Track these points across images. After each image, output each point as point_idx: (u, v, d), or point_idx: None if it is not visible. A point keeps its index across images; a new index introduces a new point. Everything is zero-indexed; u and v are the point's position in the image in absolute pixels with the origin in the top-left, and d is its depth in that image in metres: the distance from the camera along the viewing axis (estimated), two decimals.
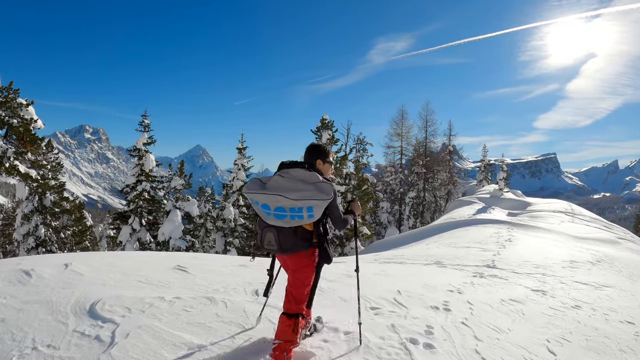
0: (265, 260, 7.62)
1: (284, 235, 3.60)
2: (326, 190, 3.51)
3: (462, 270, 9.83)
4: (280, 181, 3.57)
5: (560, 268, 10.50)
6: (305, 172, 3.65)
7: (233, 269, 7.44)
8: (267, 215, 3.56)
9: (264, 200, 3.51)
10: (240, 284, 6.16)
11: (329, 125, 23.96)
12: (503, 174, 34.86)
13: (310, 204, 3.44)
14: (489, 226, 18.70)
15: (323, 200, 3.47)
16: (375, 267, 9.57)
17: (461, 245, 14.55)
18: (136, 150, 24.56)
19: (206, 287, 5.87)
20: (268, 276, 4.16)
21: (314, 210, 3.48)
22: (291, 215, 3.49)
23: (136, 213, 24.05)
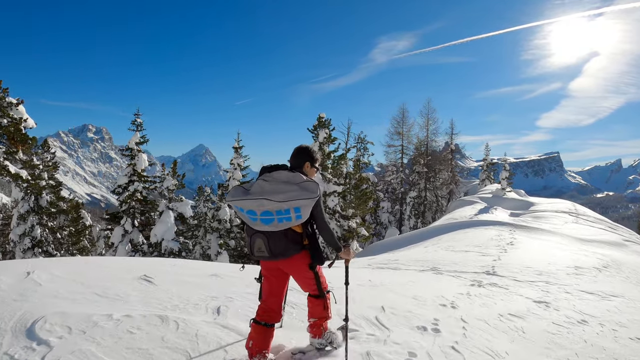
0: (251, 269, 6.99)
1: (274, 240, 3.48)
2: (311, 188, 3.42)
3: (459, 278, 9.21)
4: (263, 185, 3.45)
5: (565, 275, 9.85)
6: (288, 173, 3.55)
7: (204, 279, 6.78)
8: (254, 221, 3.43)
9: (249, 206, 3.38)
10: (203, 298, 5.53)
11: (325, 124, 23.31)
12: (506, 173, 34.29)
13: (297, 204, 3.35)
14: (490, 228, 18.04)
15: (309, 198, 3.38)
16: (366, 274, 8.91)
17: (460, 249, 13.91)
18: (128, 150, 23.94)
19: (165, 303, 5.24)
20: (259, 283, 3.93)
21: (302, 210, 3.39)
22: (279, 219, 3.38)
23: (128, 214, 23.46)
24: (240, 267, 4.72)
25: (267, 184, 3.45)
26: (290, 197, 3.33)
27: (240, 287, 6.32)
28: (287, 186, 3.41)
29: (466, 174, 59.61)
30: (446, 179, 44.63)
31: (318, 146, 23.01)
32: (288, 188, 3.39)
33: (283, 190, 3.38)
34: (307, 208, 3.40)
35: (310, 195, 3.38)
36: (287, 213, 3.36)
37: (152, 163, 24.58)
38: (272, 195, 3.34)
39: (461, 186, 47.04)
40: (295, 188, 3.40)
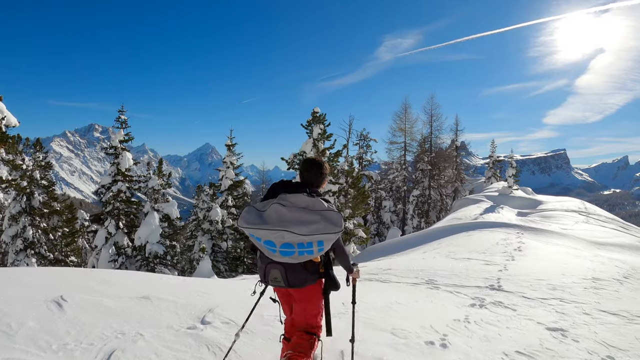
0: None
1: (293, 271, 3.29)
2: (336, 220, 3.17)
3: (457, 295, 7.82)
4: (281, 212, 3.17)
5: (582, 290, 8.39)
6: (307, 198, 3.27)
7: (128, 303, 5.50)
8: (273, 252, 3.20)
9: (267, 236, 3.15)
10: (106, 335, 4.40)
11: (320, 119, 21.93)
12: (512, 170, 32.94)
13: (321, 238, 3.12)
14: (495, 231, 16.58)
15: (335, 233, 3.14)
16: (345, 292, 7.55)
17: (462, 255, 12.47)
18: (112, 148, 22.71)
19: (55, 341, 4.19)
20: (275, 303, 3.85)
21: (325, 243, 3.17)
22: (300, 251, 3.17)
23: (112, 215, 22.23)
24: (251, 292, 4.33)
25: (285, 211, 3.16)
26: (314, 230, 3.09)
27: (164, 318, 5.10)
28: (309, 215, 3.16)
29: (472, 172, 58.16)
30: (451, 176, 43.20)
31: (312, 142, 21.68)
32: (310, 218, 3.14)
33: (305, 221, 3.12)
34: (330, 242, 3.18)
35: (336, 230, 3.13)
36: (310, 246, 3.14)
37: (137, 162, 23.28)
38: (294, 226, 3.09)
39: (466, 184, 45.64)
40: (318, 219, 3.14)
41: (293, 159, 22.44)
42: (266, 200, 3.33)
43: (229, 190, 26.85)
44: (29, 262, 24.16)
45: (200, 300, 5.90)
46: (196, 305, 5.56)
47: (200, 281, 7.75)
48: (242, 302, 5.86)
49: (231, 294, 6.58)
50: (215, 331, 4.72)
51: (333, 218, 3.16)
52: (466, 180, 46.00)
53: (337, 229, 3.13)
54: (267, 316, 5.32)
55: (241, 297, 6.26)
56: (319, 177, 3.62)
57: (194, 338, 4.49)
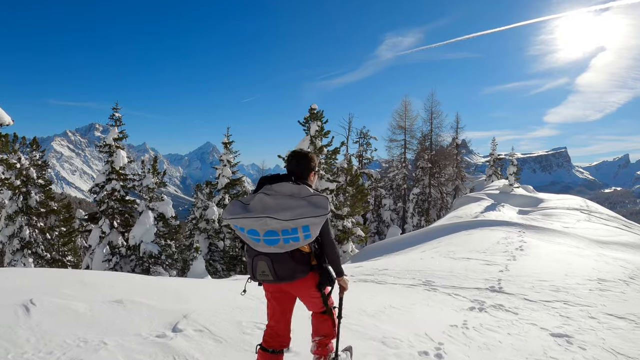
0: None
1: (280, 262, 3.11)
2: (322, 204, 3.02)
3: (456, 297, 7.43)
4: (265, 200, 3.04)
5: (587, 291, 7.98)
6: (293, 185, 3.13)
7: (101, 307, 5.17)
8: (257, 242, 3.05)
9: (250, 225, 3.00)
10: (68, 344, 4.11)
11: (317, 116, 21.54)
12: (513, 168, 32.60)
13: (306, 222, 2.96)
14: (496, 229, 16.15)
15: (320, 216, 2.98)
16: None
17: (461, 255, 12.04)
18: (106, 147, 22.32)
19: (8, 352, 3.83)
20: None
21: (311, 228, 3.01)
22: (285, 239, 3.00)
23: (106, 214, 21.87)
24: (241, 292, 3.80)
25: (269, 199, 3.04)
26: (299, 214, 2.96)
27: (134, 325, 4.77)
28: (293, 201, 3.03)
29: (473, 170, 57.75)
30: (451, 174, 42.83)
31: (309, 140, 21.31)
32: (295, 203, 3.01)
33: (289, 206, 2.99)
34: (316, 227, 3.04)
35: (321, 212, 2.99)
36: (295, 232, 3.01)
37: (130, 160, 22.92)
38: (277, 212, 2.96)
39: (467, 182, 45.23)
40: (303, 203, 3.01)
41: None
42: (253, 193, 3.21)
43: (226, 189, 26.48)
44: (25, 262, 24.02)
45: (178, 304, 5.52)
46: (172, 311, 5.19)
47: (184, 283, 7.37)
48: (221, 307, 5.50)
49: (213, 297, 6.19)
50: (186, 340, 4.34)
51: (318, 201, 3.04)
52: (467, 178, 45.66)
53: (322, 212, 3.00)
54: (246, 323, 4.94)
55: (222, 301, 5.89)
56: (304, 168, 3.43)
57: (161, 348, 4.13)
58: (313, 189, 3.20)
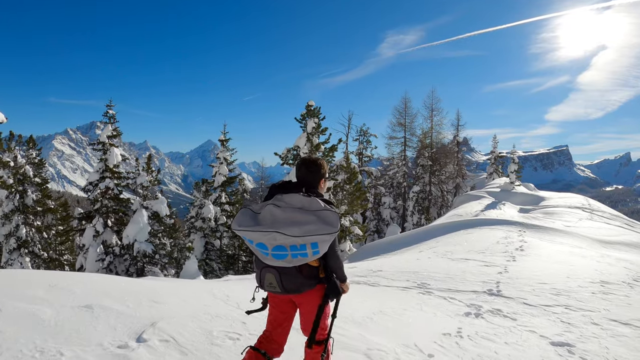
0: None
1: (288, 276, 3.06)
2: (332, 221, 2.92)
3: (451, 302, 7.06)
4: (274, 213, 2.94)
5: (589, 295, 7.60)
6: (303, 198, 3.02)
7: (70, 312, 4.80)
8: (265, 255, 2.98)
9: (259, 238, 2.92)
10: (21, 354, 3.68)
11: (314, 112, 21.13)
12: (514, 166, 32.30)
13: (315, 239, 2.86)
14: (496, 228, 15.75)
15: (331, 234, 2.87)
16: None
17: (459, 255, 11.65)
18: (100, 144, 21.92)
19: None
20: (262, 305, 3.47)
21: (320, 245, 2.90)
22: (293, 254, 2.93)
23: (100, 213, 21.51)
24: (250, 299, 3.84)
25: (279, 212, 2.96)
26: (308, 231, 2.86)
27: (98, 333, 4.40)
28: (303, 215, 2.93)
29: (474, 168, 57.38)
30: (452, 172, 42.44)
31: (306, 137, 20.92)
32: (304, 219, 2.92)
33: (299, 221, 2.90)
34: (326, 243, 2.93)
35: (330, 230, 2.89)
36: (303, 249, 2.92)
37: (125, 158, 22.54)
38: (286, 227, 2.88)
39: (468, 180, 44.88)
40: (313, 219, 2.92)
41: (286, 154, 21.74)
42: (263, 202, 3.12)
43: (223, 187, 26.12)
44: (22, 261, 23.88)
45: (149, 310, 5.15)
46: (141, 318, 4.81)
47: (164, 285, 6.98)
48: (196, 314, 5.13)
49: (191, 302, 5.81)
50: (149, 352, 3.96)
51: (328, 218, 2.94)
52: (468, 176, 45.33)
53: (332, 230, 2.90)
54: (217, 333, 4.56)
55: (199, 307, 5.51)
56: (315, 176, 3.35)
57: None
58: (323, 200, 3.08)
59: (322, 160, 3.44)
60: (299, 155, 20.89)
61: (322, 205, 3.00)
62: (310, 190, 3.21)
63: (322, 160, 3.44)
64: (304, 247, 2.90)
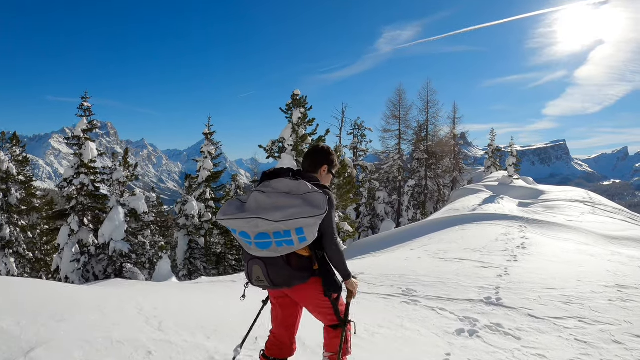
0: None
1: (275, 267, 2.80)
2: (318, 202, 2.69)
3: (441, 314, 5.86)
4: (259, 199, 2.75)
5: (606, 303, 6.36)
6: (290, 181, 2.81)
7: None
8: (249, 245, 2.77)
9: (241, 226, 2.72)
10: None
11: (301, 102, 19.96)
12: (513, 159, 31.42)
13: (300, 223, 2.64)
14: (494, 224, 14.54)
15: (315, 216, 2.65)
16: None
17: (453, 255, 10.39)
18: (75, 138, 20.71)
19: None
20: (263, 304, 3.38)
21: (306, 231, 2.68)
22: (277, 242, 2.70)
23: (76, 211, 20.30)
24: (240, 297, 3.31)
25: (264, 197, 2.74)
26: (290, 214, 2.62)
27: None
28: (288, 199, 2.71)
29: (471, 163, 56.52)
30: (449, 166, 41.48)
31: (292, 128, 19.72)
32: (289, 202, 2.69)
33: (282, 205, 2.68)
34: (312, 228, 2.68)
35: (315, 212, 2.64)
36: (288, 235, 2.67)
37: (101, 153, 21.41)
38: (268, 212, 2.65)
39: (465, 174, 44.03)
40: (298, 202, 2.69)
41: (271, 146, 20.60)
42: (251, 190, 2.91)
43: (207, 182, 24.92)
44: (7, 261, 23.03)
45: (40, 330, 4.00)
46: (25, 340, 3.74)
47: (92, 295, 5.74)
48: (94, 338, 3.94)
49: (98, 319, 4.57)
50: None
51: (314, 199, 2.70)
52: (465, 170, 44.58)
53: (318, 212, 2.66)
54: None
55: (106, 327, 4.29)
56: (314, 161, 3.18)
57: None
58: (314, 185, 2.83)
59: (328, 147, 3.27)
60: (284, 148, 19.81)
61: (310, 188, 2.76)
62: (304, 176, 2.95)
63: (329, 148, 3.26)
64: (289, 234, 2.67)
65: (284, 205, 2.69)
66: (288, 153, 19.68)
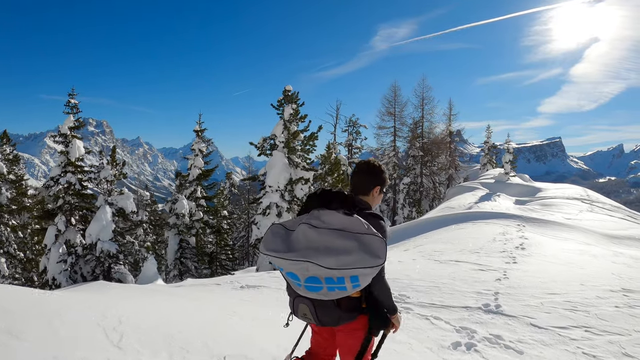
0: None
1: (323, 308, 2.60)
2: (377, 250, 2.33)
3: (435, 324, 5.40)
4: (309, 235, 2.44)
5: (612, 310, 5.90)
6: (344, 217, 2.47)
7: None
8: (297, 286, 2.53)
9: (289, 267, 2.46)
10: None
11: (292, 98, 19.51)
12: (509, 156, 31.11)
13: (355, 272, 2.33)
14: (492, 222, 14.08)
15: (374, 267, 2.32)
16: (269, 328, 5.09)
17: (449, 257, 9.90)
18: (62, 136, 20.18)
19: None
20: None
21: (361, 279, 2.38)
22: (329, 287, 2.43)
23: (63, 210, 19.79)
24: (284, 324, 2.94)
25: (314, 234, 2.43)
26: (346, 264, 2.30)
27: None
28: (342, 240, 2.37)
29: (467, 160, 56.30)
30: (444, 163, 41.14)
31: (283, 124, 19.27)
32: (343, 245, 2.35)
33: (336, 248, 2.35)
34: (368, 277, 2.38)
35: (373, 263, 2.31)
36: (341, 282, 2.39)
37: (88, 150, 20.96)
38: (320, 256, 2.34)
39: (461, 171, 43.77)
40: (354, 247, 2.33)
41: (262, 144, 20.12)
42: (299, 217, 2.63)
43: (198, 180, 24.40)
44: None
45: None
46: None
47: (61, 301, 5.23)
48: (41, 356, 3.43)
49: (63, 330, 4.08)
50: None
51: (373, 246, 2.34)
52: (461, 167, 44.34)
53: (376, 262, 2.31)
54: None
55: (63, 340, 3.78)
56: (366, 181, 2.86)
57: None
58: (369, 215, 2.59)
59: (379, 165, 2.96)
60: (276, 145, 19.35)
61: (366, 227, 2.45)
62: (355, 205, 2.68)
63: (381, 166, 2.97)
64: (342, 280, 2.41)
65: (337, 248, 2.40)
66: (280, 150, 19.24)
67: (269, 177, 19.13)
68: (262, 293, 8.15)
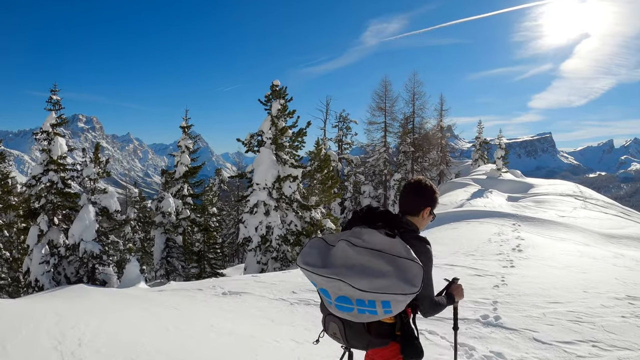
0: None
1: (353, 331, 2.47)
2: (412, 276, 2.20)
3: (429, 340, 5.04)
4: (347, 253, 2.31)
5: (619, 320, 5.49)
6: (384, 238, 2.34)
7: None
8: (329, 303, 2.40)
9: (322, 283, 2.36)
10: None
11: (280, 93, 19.04)
12: (501, 151, 30.86)
13: (387, 298, 2.22)
14: (486, 222, 13.70)
15: (406, 294, 2.19)
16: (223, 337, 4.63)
17: (442, 260, 9.45)
18: (43, 133, 19.58)
19: None
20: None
21: (393, 305, 2.25)
22: (359, 309, 2.29)
23: (45, 210, 19.24)
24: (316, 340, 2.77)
25: (353, 252, 2.30)
26: (378, 287, 2.18)
27: None
28: (379, 262, 2.25)
29: (458, 156, 56.03)
30: (436, 159, 40.85)
31: (270, 120, 18.79)
32: (378, 267, 2.24)
33: (372, 270, 2.23)
34: (400, 304, 2.25)
35: (407, 290, 2.18)
36: (372, 306, 2.25)
37: (71, 148, 20.41)
38: (354, 276, 2.22)
39: (452, 167, 43.56)
40: (389, 270, 2.22)
41: (250, 140, 19.61)
42: (341, 232, 2.51)
43: (185, 178, 23.86)
44: None
45: None
46: None
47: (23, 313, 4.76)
48: None
49: (15, 354, 3.60)
50: None
51: (409, 272, 2.22)
52: (452, 163, 44.13)
53: (411, 290, 2.19)
54: None
55: None
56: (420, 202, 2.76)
57: None
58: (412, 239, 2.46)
59: (431, 185, 2.83)
60: (264, 141, 18.87)
61: (405, 251, 2.29)
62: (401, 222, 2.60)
63: (432, 186, 2.83)
64: (373, 304, 2.24)
65: (372, 269, 2.28)
66: (267, 147, 18.78)
67: (257, 174, 18.65)
68: (244, 301, 7.72)
